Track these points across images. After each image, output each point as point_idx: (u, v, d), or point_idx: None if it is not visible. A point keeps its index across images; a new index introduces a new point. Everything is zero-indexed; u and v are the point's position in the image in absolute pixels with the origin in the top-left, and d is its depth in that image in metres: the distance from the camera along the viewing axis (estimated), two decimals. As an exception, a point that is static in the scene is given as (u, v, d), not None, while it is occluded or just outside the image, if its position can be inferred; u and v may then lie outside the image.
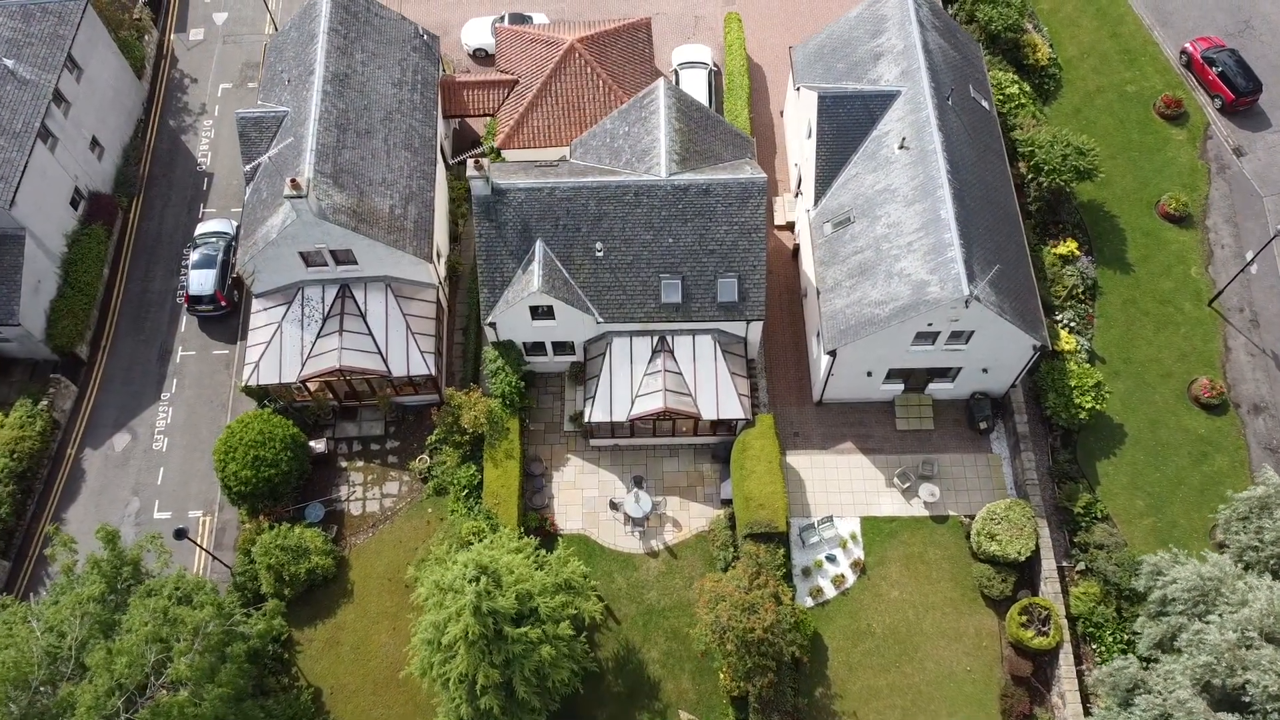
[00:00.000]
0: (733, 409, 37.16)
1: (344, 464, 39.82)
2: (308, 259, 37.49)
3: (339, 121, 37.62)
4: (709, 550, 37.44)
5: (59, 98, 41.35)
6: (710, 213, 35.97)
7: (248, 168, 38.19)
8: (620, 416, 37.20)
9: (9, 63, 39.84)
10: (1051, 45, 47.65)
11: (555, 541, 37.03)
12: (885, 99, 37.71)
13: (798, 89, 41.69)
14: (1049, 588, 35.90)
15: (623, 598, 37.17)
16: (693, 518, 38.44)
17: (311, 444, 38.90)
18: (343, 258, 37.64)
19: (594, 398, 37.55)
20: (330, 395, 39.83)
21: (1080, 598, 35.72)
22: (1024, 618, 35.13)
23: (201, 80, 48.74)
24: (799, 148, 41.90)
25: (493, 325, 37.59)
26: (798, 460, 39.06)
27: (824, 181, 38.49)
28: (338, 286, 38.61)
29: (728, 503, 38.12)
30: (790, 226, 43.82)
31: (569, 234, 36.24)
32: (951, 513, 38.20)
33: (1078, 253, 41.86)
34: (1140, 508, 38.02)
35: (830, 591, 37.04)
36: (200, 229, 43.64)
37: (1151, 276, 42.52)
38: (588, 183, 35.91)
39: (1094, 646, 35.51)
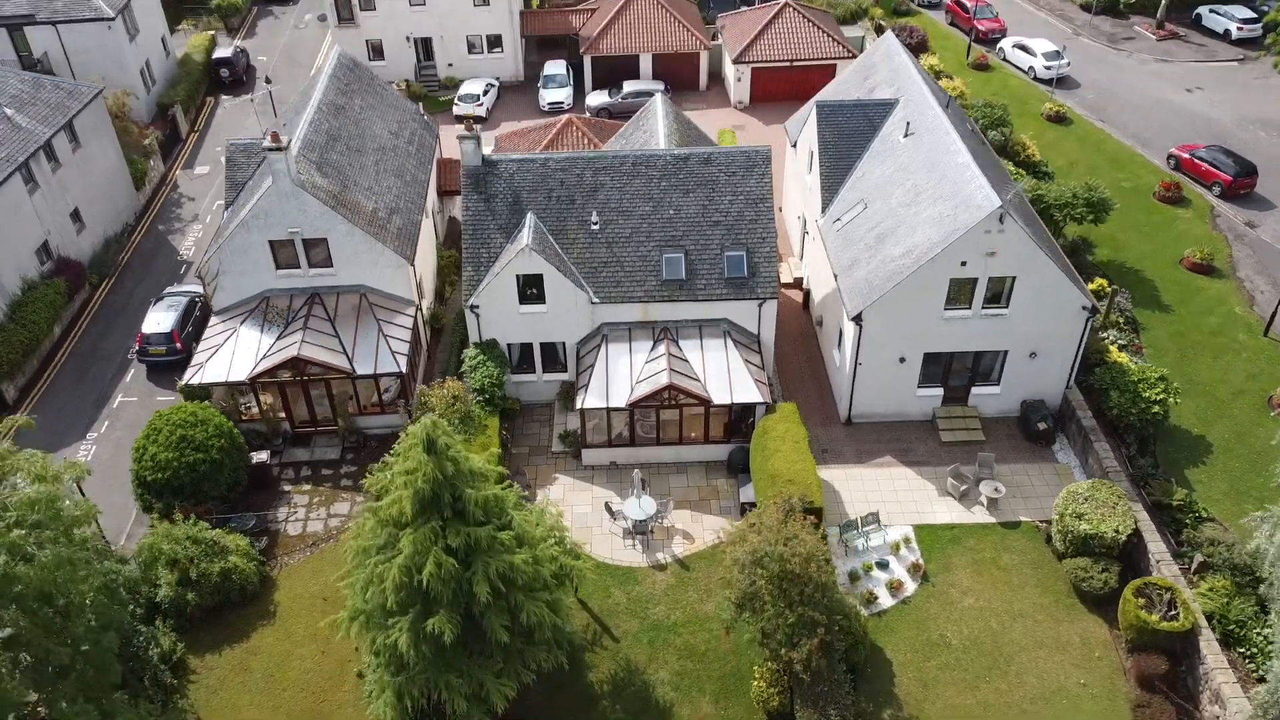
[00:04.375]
0: (749, 393, 32.01)
1: (288, 487, 33.31)
2: (278, 255, 34.47)
3: (330, 132, 36.84)
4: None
5: (50, 153, 40.92)
6: (713, 182, 33.86)
7: (229, 144, 36.77)
8: (618, 402, 31.90)
9: (8, 111, 39.98)
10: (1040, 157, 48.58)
11: (537, 556, 29.80)
12: (884, 107, 37.36)
13: (794, 144, 41.63)
14: (1165, 572, 28.20)
15: (622, 613, 29.02)
16: (706, 530, 31.34)
17: (252, 455, 32.84)
18: (316, 257, 34.63)
19: (587, 387, 32.50)
20: (283, 415, 34.48)
21: (1207, 595, 27.87)
22: (1142, 600, 27.15)
23: (199, 199, 48.80)
24: (802, 189, 40.68)
25: (476, 312, 33.60)
26: (831, 474, 32.75)
27: (831, 189, 36.77)
28: (307, 295, 35.17)
29: (749, 507, 31.29)
30: (798, 283, 41.18)
31: (563, 206, 33.78)
32: (1023, 518, 31.30)
33: (1108, 289, 38.90)
34: (1252, 511, 31.15)
35: (887, 600, 29.08)
36: (169, 289, 40.87)
37: (1194, 315, 39.18)
38: (583, 153, 34.23)
39: (1240, 650, 27.03)
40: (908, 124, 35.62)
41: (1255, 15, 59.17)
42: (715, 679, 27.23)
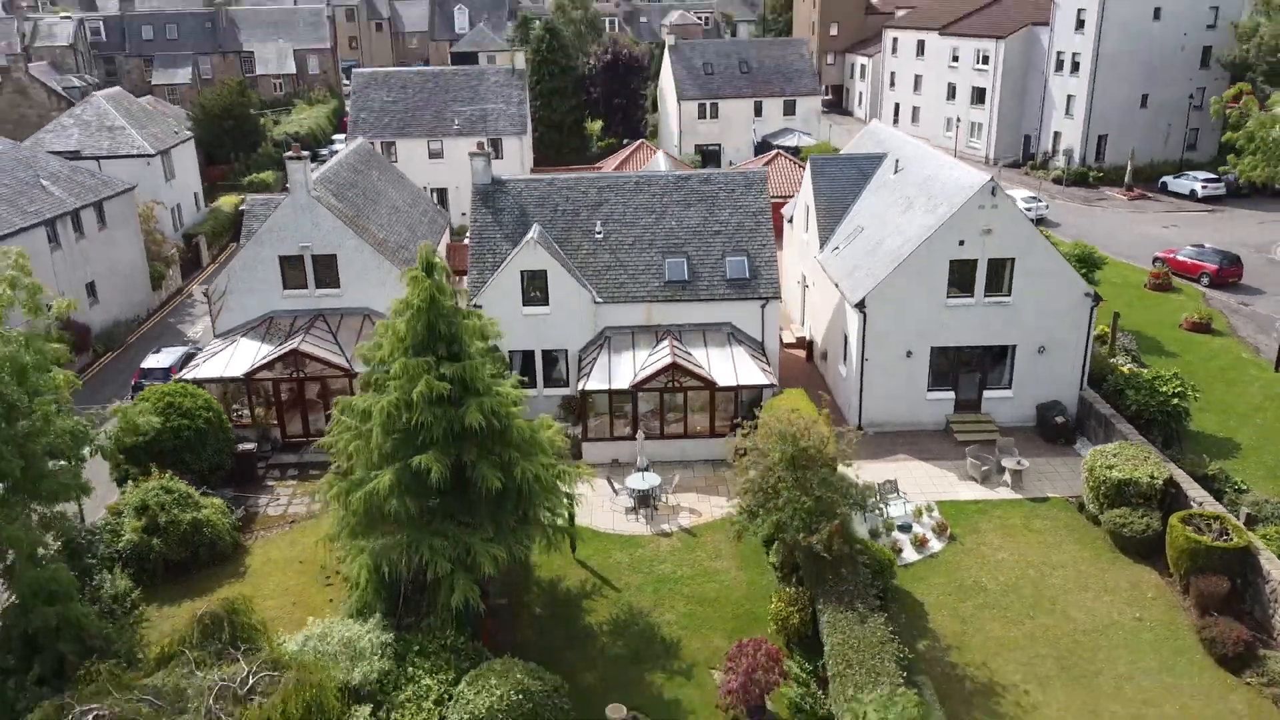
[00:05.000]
0: (754, 376, 31.32)
1: (271, 482, 31.59)
2: (287, 272, 35.02)
3: (349, 181, 38.73)
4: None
5: (77, 224, 42.59)
6: (713, 198, 35.16)
7: (249, 198, 37.97)
8: (621, 384, 31.13)
9: (45, 182, 42.21)
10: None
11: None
12: (873, 159, 39.42)
13: (790, 219, 43.41)
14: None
15: (624, 570, 26.62)
16: (714, 508, 29.36)
17: (239, 444, 31.49)
18: (324, 275, 35.19)
19: (589, 375, 31.83)
20: (275, 423, 33.44)
21: (1264, 539, 25.69)
22: (1190, 527, 24.96)
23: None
24: (800, 248, 41.73)
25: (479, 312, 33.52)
26: (843, 469, 31.03)
27: (828, 228, 37.92)
28: (312, 315, 35.32)
29: (759, 485, 29.46)
30: (800, 342, 41.16)
31: (567, 219, 34.84)
32: (1051, 494, 29.44)
33: (1108, 331, 38.92)
34: (1296, 491, 29.45)
35: (912, 555, 26.78)
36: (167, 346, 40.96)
37: (1200, 359, 38.87)
38: (588, 174, 35.77)
39: (1309, 586, 24.47)
40: (896, 161, 37.52)
41: (1216, 176, 63.39)
42: (728, 619, 24.47)
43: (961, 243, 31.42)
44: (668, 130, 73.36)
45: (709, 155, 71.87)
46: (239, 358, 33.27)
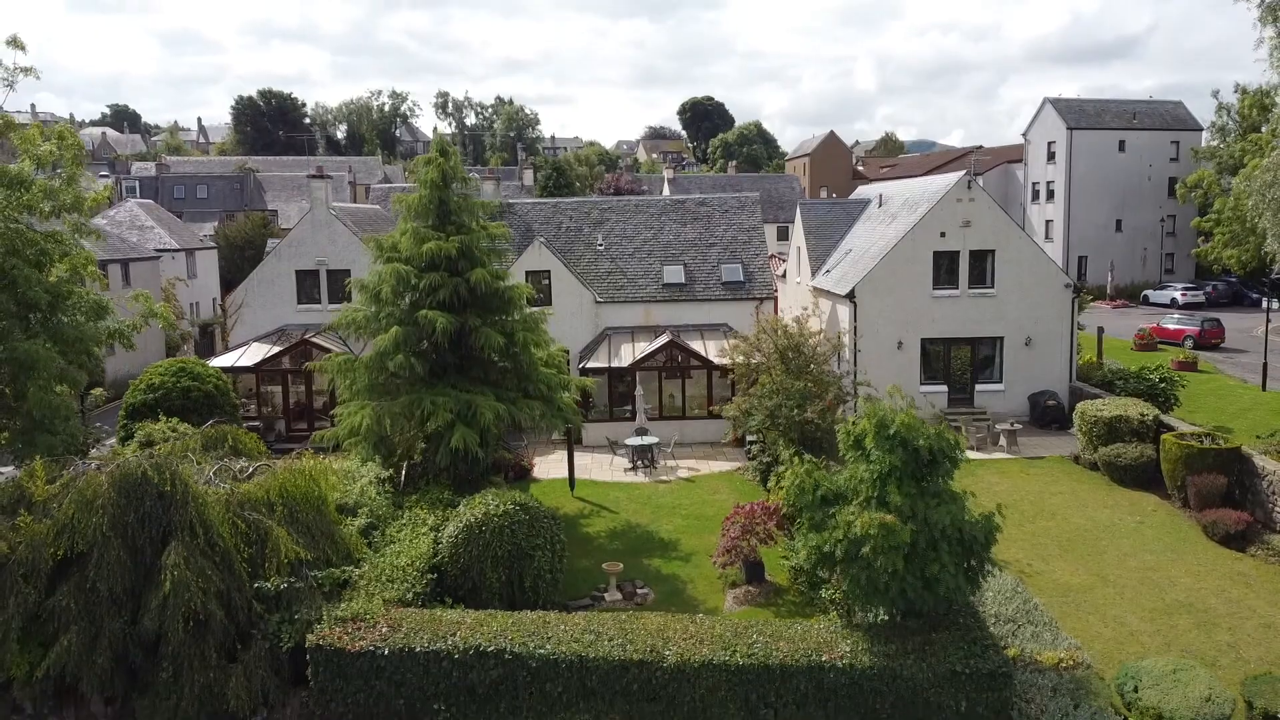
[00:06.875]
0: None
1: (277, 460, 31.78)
2: (301, 287, 36.70)
3: (367, 218, 41.08)
4: (740, 479, 28.08)
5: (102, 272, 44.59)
6: (709, 218, 37.34)
7: (270, 241, 39.97)
8: (621, 364, 32.04)
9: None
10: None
11: (529, 480, 28.39)
12: (859, 203, 41.94)
13: (783, 274, 45.42)
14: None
15: (623, 501, 26.63)
16: (712, 467, 29.51)
17: (244, 422, 31.94)
18: (337, 290, 36.70)
19: (591, 357, 32.78)
20: (280, 417, 34.04)
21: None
22: (1182, 441, 25.21)
23: (223, 373, 51.14)
24: (795, 294, 43.42)
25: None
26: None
27: (819, 260, 39.84)
28: (323, 328, 36.66)
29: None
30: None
31: (570, 235, 36.86)
32: (1046, 455, 29.66)
33: (1096, 360, 40.01)
34: (1288, 452, 29.62)
35: (910, 488, 26.70)
36: (183, 383, 41.84)
37: (1191, 383, 39.53)
38: (591, 198, 38.06)
39: (1308, 497, 24.48)
40: (880, 196, 39.98)
41: (1195, 285, 66.04)
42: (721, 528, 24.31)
43: (943, 234, 33.20)
44: (667, 256, 76.88)
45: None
46: (249, 355, 34.38)
